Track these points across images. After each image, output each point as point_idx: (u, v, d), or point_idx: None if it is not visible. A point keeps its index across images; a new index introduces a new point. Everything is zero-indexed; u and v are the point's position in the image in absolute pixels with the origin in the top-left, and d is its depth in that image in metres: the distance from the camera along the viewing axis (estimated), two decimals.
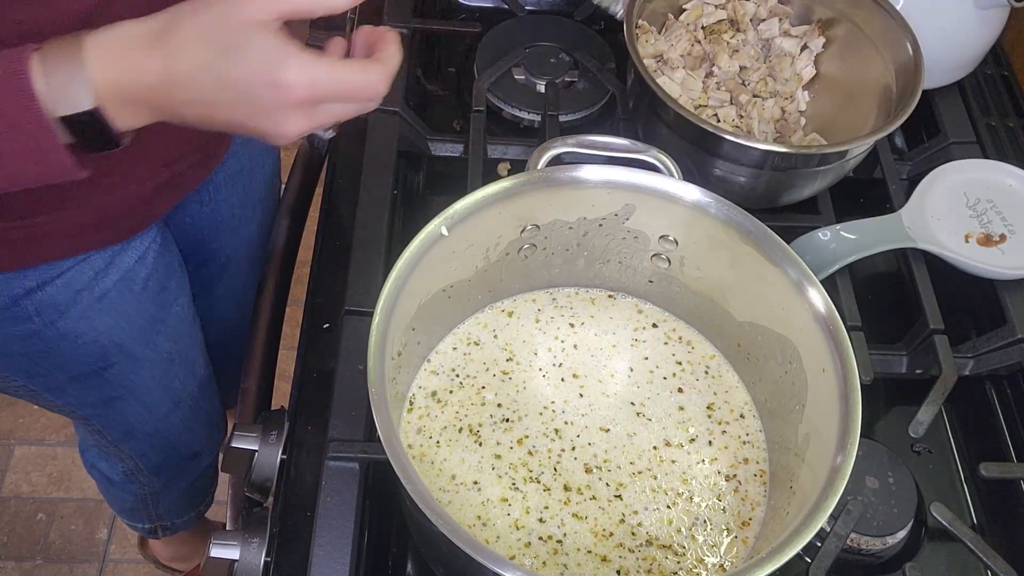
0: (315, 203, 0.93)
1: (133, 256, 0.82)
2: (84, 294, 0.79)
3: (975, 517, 0.76)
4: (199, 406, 1.05)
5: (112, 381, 0.89)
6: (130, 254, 0.81)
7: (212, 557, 0.63)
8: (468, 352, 0.74)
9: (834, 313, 0.63)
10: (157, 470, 1.12)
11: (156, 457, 1.09)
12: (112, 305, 0.82)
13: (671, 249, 0.72)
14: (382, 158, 0.87)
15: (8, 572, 1.55)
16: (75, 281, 0.78)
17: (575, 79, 0.99)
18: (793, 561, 0.53)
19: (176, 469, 1.14)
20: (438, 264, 0.66)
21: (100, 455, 1.13)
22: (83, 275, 0.78)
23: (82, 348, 0.83)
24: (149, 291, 0.85)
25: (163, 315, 0.89)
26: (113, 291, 0.81)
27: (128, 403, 0.94)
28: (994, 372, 0.81)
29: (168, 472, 1.14)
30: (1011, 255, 0.83)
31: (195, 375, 1.02)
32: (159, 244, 0.85)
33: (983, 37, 0.97)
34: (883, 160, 0.92)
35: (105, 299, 0.81)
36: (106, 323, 0.82)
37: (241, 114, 0.54)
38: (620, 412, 0.72)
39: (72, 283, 0.78)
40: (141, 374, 0.91)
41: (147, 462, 1.09)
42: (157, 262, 0.85)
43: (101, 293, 0.80)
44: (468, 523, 0.65)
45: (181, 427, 1.05)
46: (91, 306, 0.80)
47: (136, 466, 1.10)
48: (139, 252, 0.82)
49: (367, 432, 0.69)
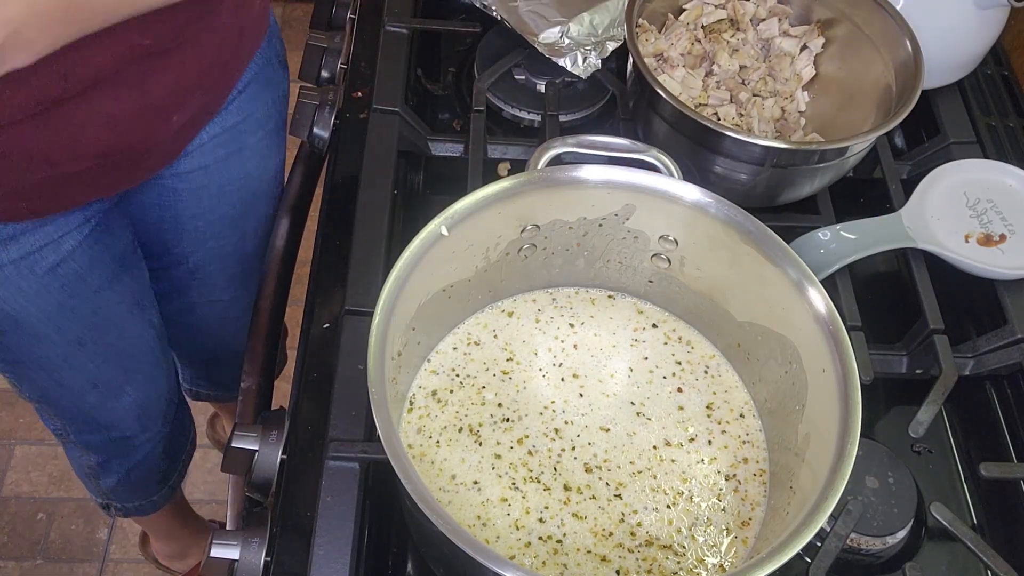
0: (315, 203, 0.93)
1: (41, 240, 0.81)
2: None
3: (975, 517, 0.76)
4: (123, 394, 1.04)
5: (10, 347, 0.90)
6: (37, 236, 0.81)
7: (212, 557, 0.64)
8: (468, 352, 0.74)
9: (834, 313, 0.63)
10: (86, 444, 1.11)
11: (80, 428, 1.08)
12: (7, 280, 0.82)
13: (671, 249, 0.72)
14: (382, 158, 0.87)
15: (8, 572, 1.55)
16: None
17: (575, 79, 0.99)
18: (793, 561, 0.53)
19: (108, 449, 1.13)
20: (438, 264, 0.66)
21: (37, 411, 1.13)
22: None
23: None
24: (58, 276, 0.85)
25: (75, 303, 0.88)
26: (9, 266, 0.81)
27: (33, 371, 0.95)
28: (994, 372, 0.81)
29: (100, 450, 1.13)
30: (1011, 255, 0.83)
31: (121, 365, 1.01)
32: (85, 235, 0.85)
33: (983, 37, 0.97)
34: (883, 160, 0.92)
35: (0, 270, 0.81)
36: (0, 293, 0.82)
37: None
38: (620, 412, 0.72)
39: None
40: (42, 350, 0.91)
41: (75, 431, 1.09)
42: (78, 251, 0.85)
43: None
44: (468, 523, 0.65)
45: (100, 409, 1.04)
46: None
47: (63, 430, 1.10)
48: (50, 237, 0.81)
49: (367, 432, 0.69)
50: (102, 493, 1.24)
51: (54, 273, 0.84)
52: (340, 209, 0.85)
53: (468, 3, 1.04)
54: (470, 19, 1.06)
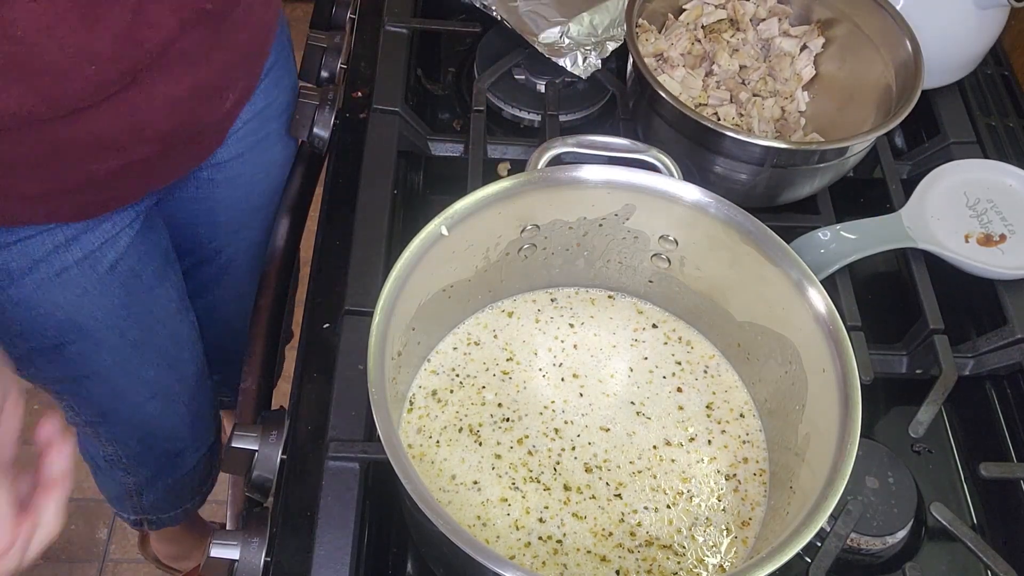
0: (315, 203, 0.93)
1: (100, 237, 0.81)
2: (41, 265, 0.78)
3: (975, 517, 0.76)
4: (179, 402, 1.04)
5: (73, 359, 0.89)
6: (97, 234, 0.81)
7: (212, 557, 0.63)
8: (468, 352, 0.74)
9: (834, 313, 0.63)
10: (138, 461, 1.10)
11: (135, 447, 1.08)
12: (72, 281, 0.81)
13: (671, 249, 0.72)
14: (382, 158, 0.87)
15: None
16: (32, 250, 0.77)
17: (575, 79, 0.99)
18: (793, 561, 0.53)
19: (159, 464, 1.13)
20: (438, 264, 0.66)
21: (83, 436, 1.12)
22: (42, 246, 0.77)
23: (38, 320, 0.82)
24: (117, 275, 0.85)
25: (131, 302, 0.88)
26: (75, 267, 0.80)
27: (95, 384, 0.94)
28: (994, 372, 0.81)
29: (151, 466, 1.12)
30: (1011, 255, 0.83)
31: (176, 370, 1.01)
32: (136, 231, 0.85)
33: (983, 37, 0.97)
34: (883, 160, 0.92)
35: (65, 274, 0.80)
36: (64, 298, 0.82)
37: None
38: (620, 412, 0.72)
39: (29, 252, 0.77)
40: (103, 357, 0.90)
41: (127, 451, 1.08)
42: (132, 248, 0.85)
43: (61, 268, 0.80)
44: (468, 523, 0.65)
45: (159, 420, 1.04)
46: (48, 279, 0.80)
47: (116, 453, 1.09)
48: (109, 234, 0.82)
49: (367, 432, 0.69)
50: (140, 510, 1.22)
51: (113, 271, 0.84)
52: (340, 209, 0.85)
53: (468, 3, 1.04)
54: (470, 19, 1.06)
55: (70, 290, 0.82)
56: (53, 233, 0.78)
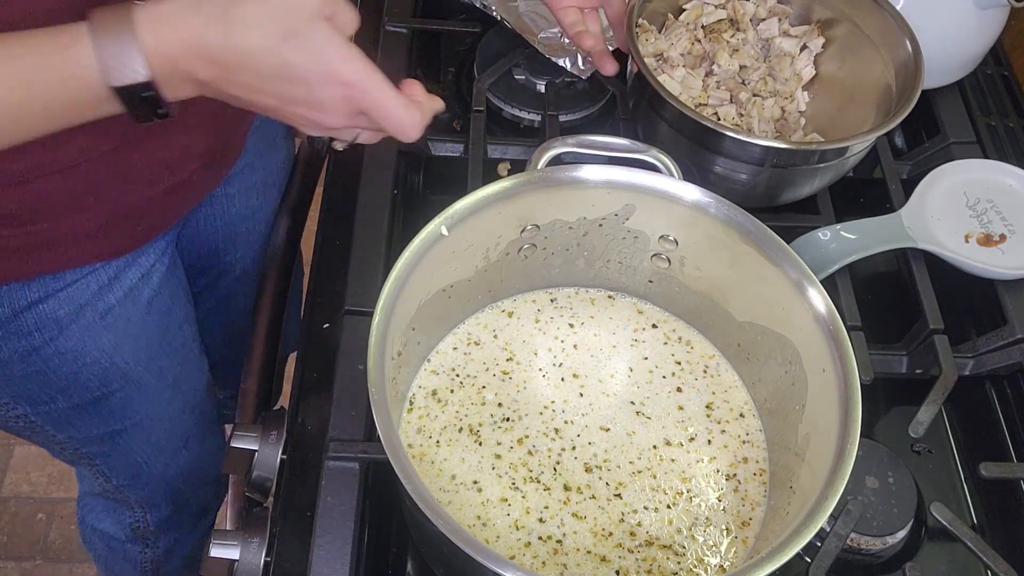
0: (315, 203, 0.93)
1: (138, 272, 0.80)
2: (87, 309, 0.77)
3: (975, 517, 0.76)
4: (206, 449, 1.02)
5: (115, 410, 0.87)
6: (135, 269, 0.80)
7: (212, 557, 0.64)
8: (468, 352, 0.74)
9: (834, 313, 0.63)
10: (165, 526, 1.07)
11: (165, 508, 1.05)
12: (116, 322, 0.80)
13: (671, 249, 0.72)
14: (382, 158, 0.87)
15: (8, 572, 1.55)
16: (79, 295, 0.76)
17: (575, 79, 0.99)
18: (793, 561, 0.53)
19: (184, 527, 1.10)
20: (438, 264, 0.66)
21: (105, 510, 1.08)
22: (87, 289, 0.76)
23: (83, 369, 0.80)
24: (154, 311, 0.83)
25: (167, 339, 0.87)
26: (118, 307, 0.79)
27: (133, 436, 0.91)
28: (994, 372, 0.81)
29: (175, 530, 1.09)
30: (1011, 255, 0.83)
31: (203, 411, 0.99)
32: (166, 265, 0.84)
33: (983, 37, 0.97)
34: (883, 160, 0.92)
35: (109, 315, 0.79)
36: (109, 341, 0.80)
37: (286, 99, 0.55)
38: (620, 411, 0.72)
39: (75, 297, 0.76)
40: (145, 402, 0.88)
41: (155, 516, 1.05)
42: (163, 283, 0.84)
43: (105, 309, 0.78)
44: (468, 523, 0.65)
45: (191, 471, 1.01)
46: (94, 323, 0.78)
47: (144, 520, 1.05)
48: (144, 268, 0.81)
49: (367, 432, 0.69)
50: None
51: (151, 308, 0.83)
52: (340, 209, 0.85)
53: (468, 3, 1.04)
54: (470, 19, 1.06)
55: (115, 332, 0.80)
56: (98, 273, 0.76)
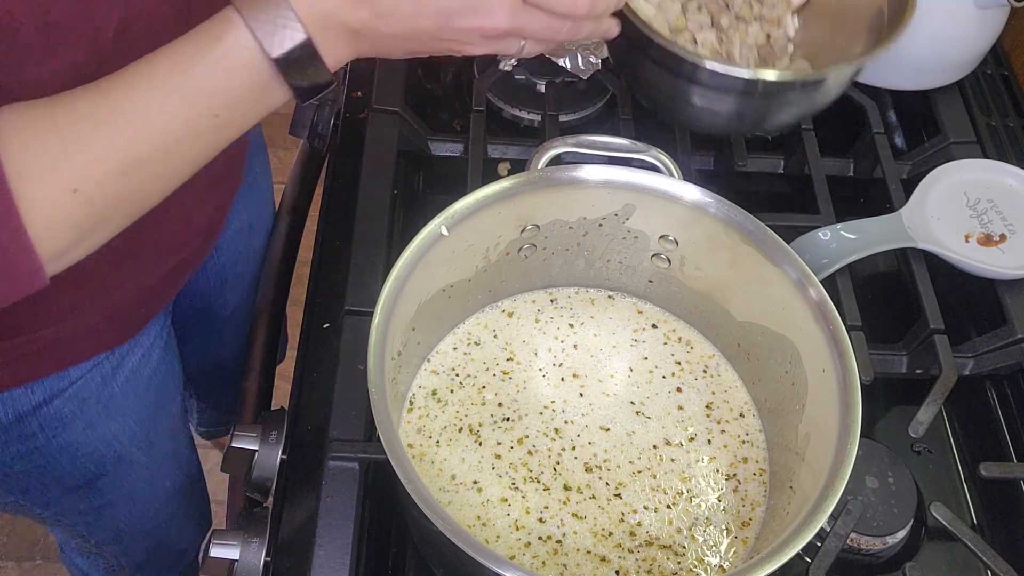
0: (315, 203, 0.93)
1: (140, 352, 0.79)
2: (90, 402, 0.75)
3: (975, 517, 0.76)
4: (189, 503, 1.01)
5: (104, 489, 0.85)
6: (137, 351, 0.78)
7: (212, 557, 0.63)
8: (468, 352, 0.74)
9: (834, 313, 0.63)
10: (141, 567, 1.05)
11: (142, 554, 1.03)
12: (117, 409, 0.78)
13: (671, 249, 0.72)
14: (382, 158, 0.87)
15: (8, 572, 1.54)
16: (83, 390, 0.74)
17: (575, 79, 0.99)
18: (793, 561, 0.53)
19: (161, 566, 1.07)
20: (438, 264, 0.66)
21: (80, 554, 1.06)
22: (92, 382, 0.75)
23: (81, 459, 0.78)
24: (152, 388, 0.82)
25: (161, 413, 0.86)
26: (119, 395, 0.78)
27: (118, 508, 0.89)
28: (994, 372, 0.81)
29: (152, 569, 1.07)
30: (1011, 255, 0.83)
31: (187, 473, 0.98)
32: (164, 339, 0.83)
33: (983, 37, 0.97)
34: (883, 160, 0.92)
35: (111, 403, 0.77)
36: (110, 430, 0.79)
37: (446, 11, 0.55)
38: (620, 411, 0.72)
39: (80, 392, 0.74)
40: (134, 477, 0.87)
41: (131, 560, 1.03)
42: (162, 358, 0.83)
43: (108, 398, 0.77)
44: (468, 523, 0.65)
45: (169, 524, 1.00)
46: (97, 414, 0.77)
47: (119, 564, 1.03)
48: (145, 347, 0.79)
49: (367, 432, 0.69)
50: None
51: (149, 385, 0.82)
52: (340, 209, 0.85)
53: None
54: None
55: (116, 419, 0.79)
56: (102, 365, 0.75)
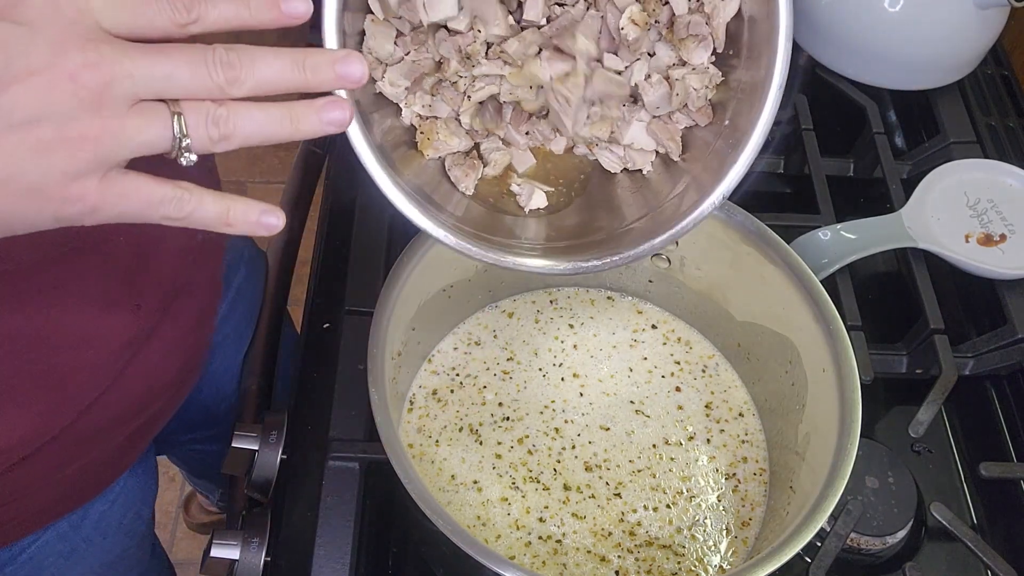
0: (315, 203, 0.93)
1: (110, 499, 0.73)
2: (48, 561, 0.70)
3: (975, 517, 0.76)
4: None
5: None
6: (108, 498, 0.73)
7: (212, 557, 0.63)
8: (468, 351, 0.74)
9: (834, 313, 0.63)
10: None
11: None
12: (80, 560, 0.73)
13: (671, 249, 0.72)
14: None
15: None
16: (41, 554, 0.69)
17: None
18: (793, 561, 0.53)
19: None
20: (438, 264, 0.66)
21: None
22: (48, 546, 0.69)
23: None
24: (123, 528, 0.77)
25: (133, 545, 0.81)
26: (83, 545, 0.72)
27: None
28: (994, 372, 0.81)
29: None
30: (1011, 255, 0.83)
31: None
32: (140, 472, 0.77)
33: (983, 37, 0.97)
34: (883, 160, 0.92)
35: (73, 555, 0.72)
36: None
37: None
38: (620, 411, 0.72)
39: (37, 556, 0.69)
40: None
41: None
42: (143, 495, 0.78)
43: (70, 551, 0.71)
44: (468, 523, 0.65)
45: None
46: (59, 568, 0.71)
47: None
48: (118, 494, 0.74)
49: (367, 432, 0.69)
50: None
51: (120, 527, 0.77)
52: (340, 209, 0.85)
53: None
54: None
55: (79, 568, 0.73)
56: (58, 525, 0.69)
